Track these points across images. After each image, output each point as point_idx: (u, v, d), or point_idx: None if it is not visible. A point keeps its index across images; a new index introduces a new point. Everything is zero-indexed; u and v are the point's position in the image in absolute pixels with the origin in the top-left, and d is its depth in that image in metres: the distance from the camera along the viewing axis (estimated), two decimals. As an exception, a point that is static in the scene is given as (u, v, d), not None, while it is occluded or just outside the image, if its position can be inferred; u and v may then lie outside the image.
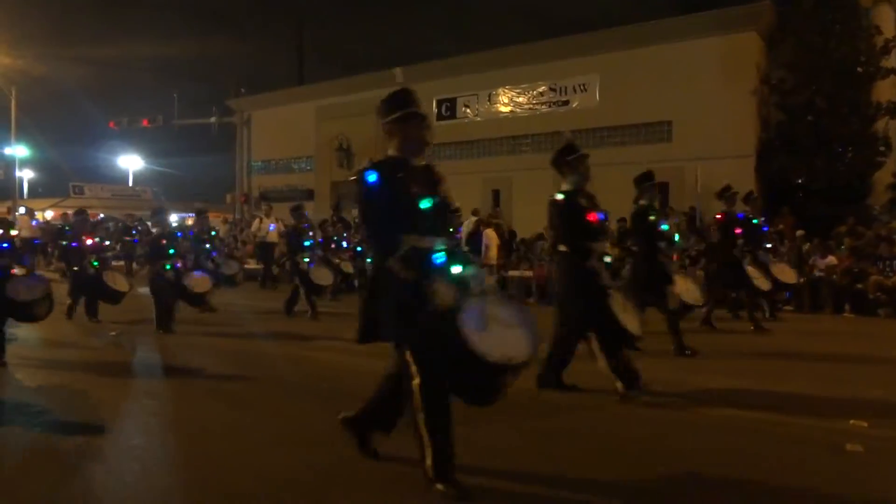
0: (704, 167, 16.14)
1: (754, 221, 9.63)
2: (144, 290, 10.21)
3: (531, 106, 20.10)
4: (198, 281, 9.99)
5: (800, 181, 16.22)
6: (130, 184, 41.58)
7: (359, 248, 14.46)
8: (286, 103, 25.70)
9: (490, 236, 16.52)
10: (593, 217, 5.82)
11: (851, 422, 5.01)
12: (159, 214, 10.73)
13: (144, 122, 31.22)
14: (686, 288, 8.03)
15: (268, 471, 3.94)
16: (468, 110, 21.32)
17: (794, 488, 3.81)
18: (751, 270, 9.17)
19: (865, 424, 4.96)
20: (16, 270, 7.29)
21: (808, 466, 4.16)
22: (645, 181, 7.88)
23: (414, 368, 3.48)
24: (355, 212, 23.28)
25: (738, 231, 9.28)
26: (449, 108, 21.63)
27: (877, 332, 10.21)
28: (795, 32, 16.35)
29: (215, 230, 15.04)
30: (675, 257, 9.93)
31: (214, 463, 4.09)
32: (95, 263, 10.36)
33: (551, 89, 19.68)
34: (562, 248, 5.83)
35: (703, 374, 6.92)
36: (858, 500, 3.64)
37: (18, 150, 30.67)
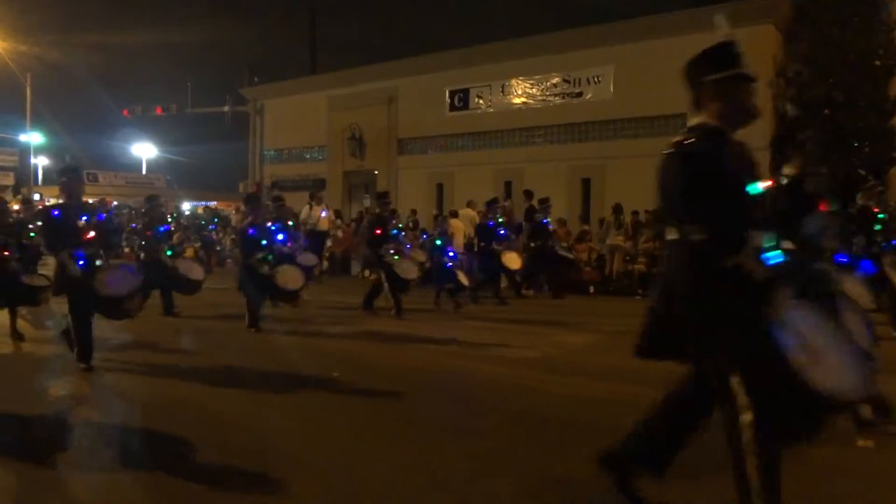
0: (718, 160, 16.01)
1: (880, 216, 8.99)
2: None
3: (544, 97, 20.01)
4: (291, 277, 9.04)
5: (815, 175, 16.10)
6: (144, 171, 41.82)
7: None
8: (299, 92, 25.70)
9: (455, 226, 16.95)
10: (824, 206, 5.01)
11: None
12: (252, 202, 9.57)
13: (158, 111, 31.34)
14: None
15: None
16: (481, 101, 21.25)
17: (803, 483, 3.80)
18: None
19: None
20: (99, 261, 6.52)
21: (817, 461, 4.15)
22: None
23: (745, 399, 2.72)
24: (366, 202, 23.18)
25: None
26: (462, 99, 21.56)
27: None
28: (813, 25, 16.16)
29: (293, 219, 14.14)
30: None
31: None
32: (169, 252, 9.82)
33: (565, 81, 19.59)
34: (788, 244, 4.98)
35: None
36: (868, 495, 3.64)
37: (33, 138, 30.93)
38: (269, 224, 9.83)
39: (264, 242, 8.98)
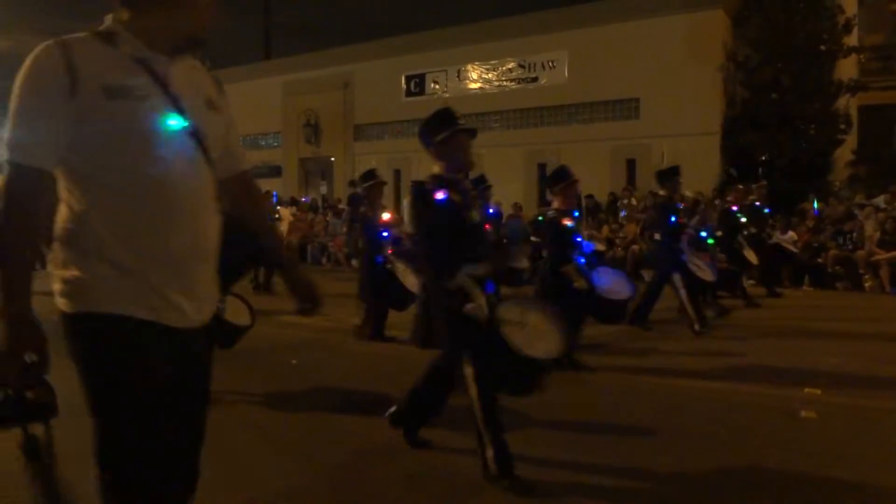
0: (670, 144, 16.32)
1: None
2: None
3: (500, 83, 20.05)
4: (617, 284, 6.45)
5: (764, 158, 16.49)
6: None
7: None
8: (252, 78, 25.27)
9: (283, 213, 17.11)
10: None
11: (806, 390, 5.20)
12: (560, 176, 6.16)
13: (106, 97, 30.52)
14: None
15: None
16: (437, 86, 21.20)
17: (750, 453, 3.94)
18: None
19: (819, 392, 5.15)
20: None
21: (764, 432, 4.31)
22: None
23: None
24: (322, 189, 22.95)
25: None
26: (418, 84, 21.48)
27: (834, 304, 10.50)
28: (761, 10, 16.50)
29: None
30: None
31: None
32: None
33: (520, 66, 19.64)
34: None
35: (665, 344, 7.08)
36: (810, 463, 3.79)
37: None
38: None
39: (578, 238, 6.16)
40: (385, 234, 7.29)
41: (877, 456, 3.92)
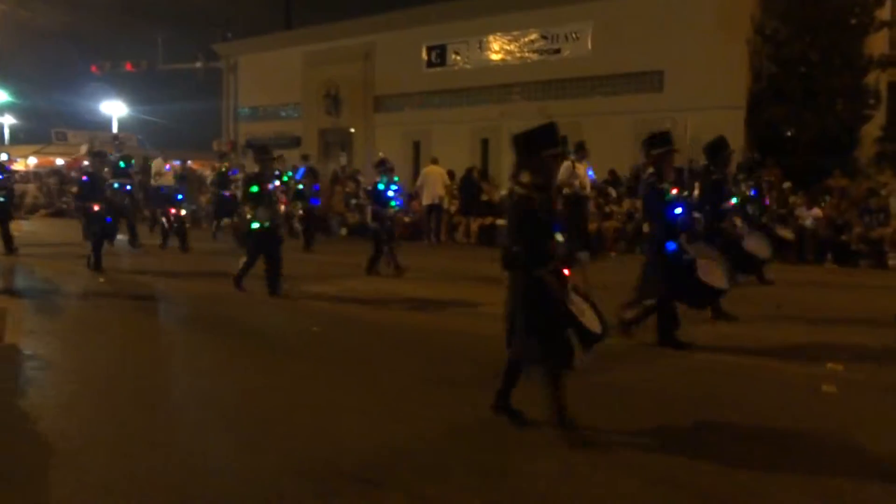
0: (694, 118, 16.09)
1: None
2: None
3: (522, 54, 19.83)
4: (759, 245, 7.24)
5: (789, 133, 16.22)
6: (115, 130, 40.99)
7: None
8: (273, 49, 25.21)
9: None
10: None
11: (828, 365, 5.19)
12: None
13: (128, 66, 30.65)
14: None
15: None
16: (458, 57, 21.02)
17: (771, 427, 3.96)
18: None
19: (841, 367, 5.14)
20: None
21: (785, 407, 4.32)
22: None
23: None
24: (342, 160, 22.98)
25: None
26: (439, 55, 21.31)
27: (857, 282, 10.41)
28: (791, -19, 16.14)
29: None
30: None
31: None
32: None
33: (543, 37, 19.40)
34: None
35: (687, 320, 7.06)
36: (830, 437, 3.80)
37: (-1, 95, 30.16)
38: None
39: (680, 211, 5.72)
40: (679, 210, 5.68)
41: (898, 431, 3.92)
